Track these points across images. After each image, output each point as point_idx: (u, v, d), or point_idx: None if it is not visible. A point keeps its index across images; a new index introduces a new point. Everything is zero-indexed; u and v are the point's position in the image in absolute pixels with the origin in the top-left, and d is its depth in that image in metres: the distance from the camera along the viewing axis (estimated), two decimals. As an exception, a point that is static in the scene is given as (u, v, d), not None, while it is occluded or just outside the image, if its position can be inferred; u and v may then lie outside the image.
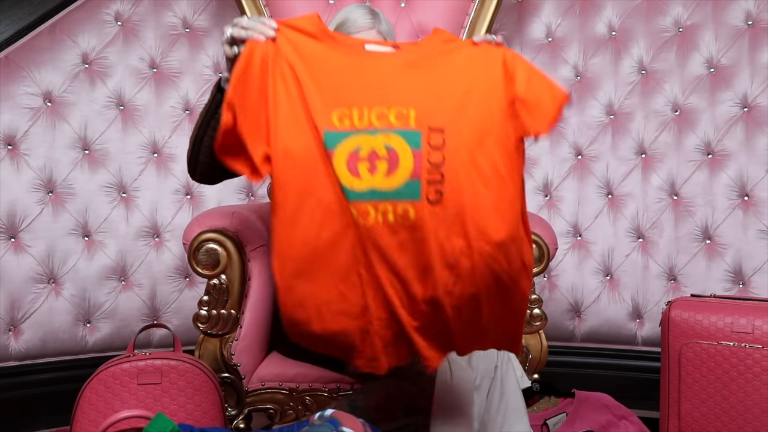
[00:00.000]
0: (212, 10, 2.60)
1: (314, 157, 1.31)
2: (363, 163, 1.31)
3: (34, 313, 2.43)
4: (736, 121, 2.53)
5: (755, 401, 1.85)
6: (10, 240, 2.41)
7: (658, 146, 2.59)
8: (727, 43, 2.53)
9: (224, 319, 1.87)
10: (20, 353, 2.42)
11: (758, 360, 1.85)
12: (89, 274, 2.50)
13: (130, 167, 2.55)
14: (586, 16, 2.61)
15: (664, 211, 2.58)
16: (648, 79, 2.59)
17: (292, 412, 1.89)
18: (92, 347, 2.51)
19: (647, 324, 2.59)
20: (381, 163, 1.31)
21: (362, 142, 1.32)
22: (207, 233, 1.85)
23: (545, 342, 1.89)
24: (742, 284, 2.52)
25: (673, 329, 1.94)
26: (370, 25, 1.83)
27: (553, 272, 2.63)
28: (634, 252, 2.60)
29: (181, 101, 2.60)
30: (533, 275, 1.87)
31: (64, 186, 2.47)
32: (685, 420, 1.90)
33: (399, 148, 1.31)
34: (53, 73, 2.46)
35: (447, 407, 1.67)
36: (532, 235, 1.88)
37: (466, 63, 1.40)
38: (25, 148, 2.43)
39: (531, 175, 2.65)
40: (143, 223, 2.56)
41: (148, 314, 2.57)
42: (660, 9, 2.57)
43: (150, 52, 2.56)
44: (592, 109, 2.62)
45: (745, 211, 2.52)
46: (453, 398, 1.66)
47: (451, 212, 1.30)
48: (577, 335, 2.64)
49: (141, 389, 1.71)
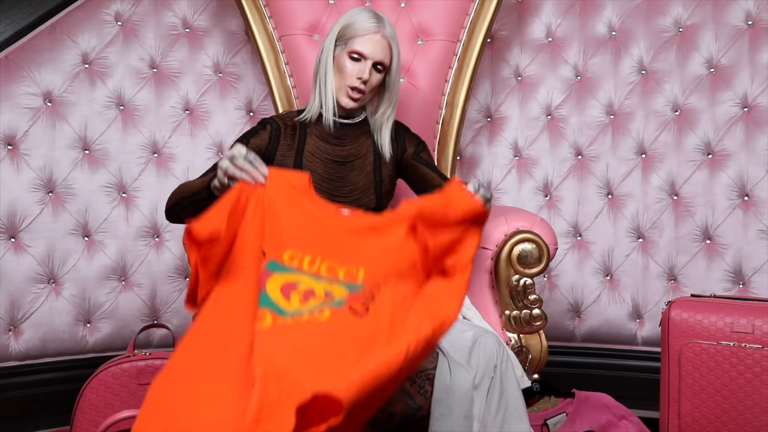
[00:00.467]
0: (212, 10, 2.60)
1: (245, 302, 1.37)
2: (297, 294, 1.39)
3: (34, 313, 2.43)
4: (736, 121, 2.53)
5: (755, 401, 1.85)
6: (10, 240, 2.41)
7: (658, 146, 2.59)
8: (727, 43, 2.53)
9: (224, 319, 1.86)
10: (20, 353, 2.42)
11: (758, 360, 1.85)
12: (89, 274, 2.50)
13: (130, 167, 2.55)
14: (586, 16, 2.61)
15: (664, 211, 2.58)
16: (648, 79, 2.59)
17: (292, 412, 1.88)
18: (92, 347, 2.51)
19: (647, 324, 2.59)
20: (314, 300, 1.40)
21: (303, 281, 1.42)
22: (207, 233, 1.85)
23: (545, 342, 1.90)
24: (742, 284, 2.52)
25: (673, 329, 1.94)
26: (375, 29, 1.85)
27: (553, 272, 2.63)
28: (634, 252, 2.60)
29: (181, 101, 2.60)
30: (534, 275, 1.88)
31: (64, 186, 2.47)
32: (685, 420, 1.90)
33: (337, 292, 1.41)
34: (53, 73, 2.46)
35: (446, 407, 1.67)
36: (533, 235, 1.88)
37: (401, 240, 1.49)
38: (25, 148, 2.43)
39: (531, 175, 2.65)
40: (143, 223, 2.56)
41: (148, 314, 2.57)
42: (660, 9, 2.57)
43: (150, 52, 2.56)
44: (592, 109, 2.62)
45: (745, 211, 2.52)
46: (452, 398, 1.66)
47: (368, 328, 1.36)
48: (577, 335, 2.64)
49: (141, 389, 1.71)
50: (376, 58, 1.84)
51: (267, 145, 1.88)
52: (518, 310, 1.88)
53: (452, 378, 1.66)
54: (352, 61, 1.84)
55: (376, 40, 1.83)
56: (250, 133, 1.89)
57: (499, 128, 2.67)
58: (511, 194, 2.66)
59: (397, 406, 1.70)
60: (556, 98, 2.64)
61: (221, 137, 2.62)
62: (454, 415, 1.66)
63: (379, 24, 1.84)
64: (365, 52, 1.83)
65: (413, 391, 1.70)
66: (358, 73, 1.83)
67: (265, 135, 1.88)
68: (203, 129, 2.61)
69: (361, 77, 1.83)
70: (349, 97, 1.86)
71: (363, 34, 1.83)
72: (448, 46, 2.33)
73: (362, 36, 1.83)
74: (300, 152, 1.89)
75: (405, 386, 1.71)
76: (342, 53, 1.85)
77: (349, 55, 1.84)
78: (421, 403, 1.69)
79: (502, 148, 2.67)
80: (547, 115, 2.65)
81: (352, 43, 1.84)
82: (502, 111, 2.67)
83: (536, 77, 2.65)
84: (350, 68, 1.84)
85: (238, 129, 2.62)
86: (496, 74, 2.66)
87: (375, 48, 1.83)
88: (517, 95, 2.66)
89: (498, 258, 1.88)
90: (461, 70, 2.34)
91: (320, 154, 1.90)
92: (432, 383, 1.68)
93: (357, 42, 1.83)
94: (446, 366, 1.70)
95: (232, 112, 2.63)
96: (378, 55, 1.84)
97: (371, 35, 1.83)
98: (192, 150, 2.60)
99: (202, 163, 2.61)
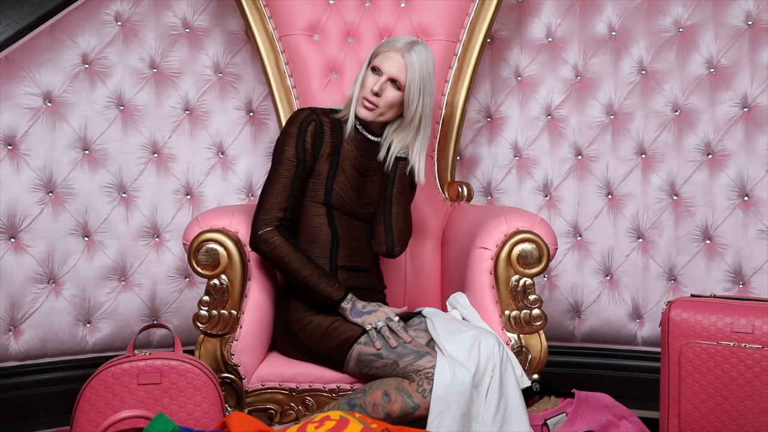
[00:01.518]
0: (212, 10, 2.60)
1: None
2: (312, 424, 1.54)
3: (34, 313, 2.43)
4: (736, 121, 2.53)
5: (755, 401, 1.85)
6: (10, 240, 2.41)
7: (658, 146, 2.59)
8: (727, 43, 2.53)
9: (224, 319, 1.87)
10: (20, 353, 2.42)
11: (758, 360, 1.85)
12: (89, 274, 2.50)
13: (130, 167, 2.55)
14: (586, 16, 2.61)
15: (664, 211, 2.58)
16: (648, 79, 2.59)
17: (292, 412, 1.89)
18: (92, 347, 2.51)
19: (647, 324, 2.59)
20: (329, 422, 1.53)
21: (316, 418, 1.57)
22: (207, 233, 1.86)
23: (545, 342, 1.89)
24: (742, 284, 2.52)
25: (673, 329, 1.93)
26: (398, 48, 1.94)
27: (553, 272, 2.63)
28: (634, 252, 2.60)
29: (181, 101, 2.60)
30: (534, 275, 1.88)
31: (64, 186, 2.47)
32: (685, 420, 1.90)
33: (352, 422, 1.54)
34: (53, 73, 2.46)
35: (445, 404, 1.67)
36: (533, 235, 1.88)
37: None
38: (25, 148, 2.43)
39: (531, 175, 2.65)
40: (143, 223, 2.56)
41: (148, 314, 2.57)
42: (660, 9, 2.57)
43: (150, 52, 2.56)
44: (592, 109, 2.62)
45: (745, 211, 2.52)
46: (451, 395, 1.67)
47: None
48: (577, 335, 2.64)
49: (141, 389, 1.71)
50: (391, 74, 1.93)
51: (313, 140, 1.94)
52: (518, 310, 1.88)
53: (452, 376, 1.67)
54: (371, 74, 1.94)
55: (395, 59, 1.93)
56: (298, 132, 1.93)
57: (499, 128, 2.67)
58: (511, 194, 2.66)
59: (394, 405, 1.70)
60: (556, 98, 2.64)
61: (221, 137, 2.63)
62: (453, 413, 1.67)
63: (405, 46, 1.94)
64: (382, 66, 1.93)
65: (411, 390, 1.70)
66: (372, 84, 1.93)
67: (312, 131, 1.94)
68: (203, 129, 2.61)
69: (373, 89, 1.92)
70: (363, 107, 1.95)
71: (386, 51, 1.95)
72: (448, 46, 2.33)
73: (384, 53, 1.94)
74: (338, 150, 1.97)
75: (403, 385, 1.71)
76: (367, 68, 1.96)
77: (372, 68, 1.95)
78: (419, 402, 1.69)
79: (502, 148, 2.67)
80: (547, 115, 2.65)
81: (375, 59, 1.95)
82: (502, 111, 2.67)
83: (536, 77, 2.65)
84: (368, 81, 1.94)
85: (238, 129, 2.62)
86: (496, 74, 2.66)
87: (392, 65, 1.93)
88: (517, 95, 2.66)
89: (498, 258, 1.88)
90: (461, 70, 2.34)
91: (352, 159, 1.99)
92: (430, 382, 1.69)
93: (378, 58, 1.95)
94: (446, 364, 1.70)
95: (232, 112, 2.63)
96: (393, 71, 1.93)
97: (392, 53, 1.94)
98: (192, 150, 2.61)
99: (202, 163, 2.61)
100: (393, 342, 1.78)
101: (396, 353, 1.76)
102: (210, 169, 2.62)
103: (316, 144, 1.94)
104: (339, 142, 1.98)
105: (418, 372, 1.71)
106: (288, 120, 1.98)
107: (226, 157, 2.63)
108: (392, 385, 1.73)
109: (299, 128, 1.93)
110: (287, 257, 1.85)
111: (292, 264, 1.85)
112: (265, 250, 1.86)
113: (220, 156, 2.63)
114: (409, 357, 1.74)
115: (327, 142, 1.95)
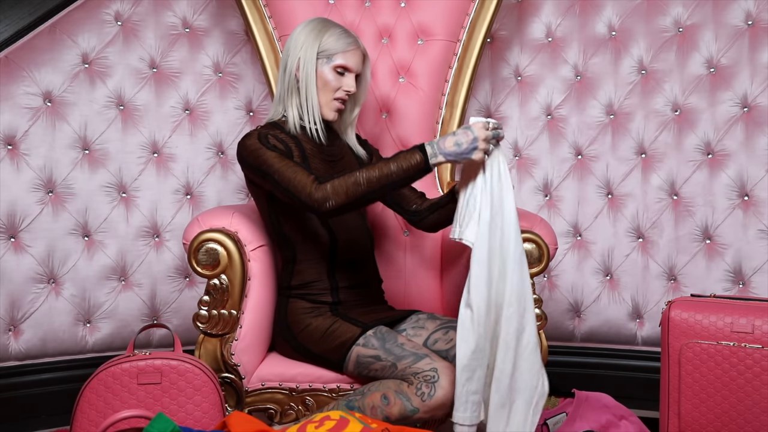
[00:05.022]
0: (212, 10, 2.60)
1: None
2: (312, 424, 1.55)
3: (34, 313, 2.43)
4: (736, 121, 2.53)
5: (755, 401, 1.85)
6: (10, 240, 2.41)
7: (658, 146, 2.59)
8: (727, 43, 2.53)
9: (224, 319, 1.87)
10: (20, 353, 2.42)
11: (758, 360, 1.85)
12: (89, 274, 2.50)
13: (130, 167, 2.55)
14: (586, 16, 2.61)
15: (664, 211, 2.58)
16: (648, 79, 2.59)
17: (292, 412, 1.89)
18: (92, 347, 2.51)
19: (647, 324, 2.59)
20: (329, 422, 1.54)
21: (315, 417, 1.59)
22: (207, 233, 1.86)
23: (545, 342, 1.89)
24: (742, 284, 2.52)
25: (673, 329, 1.93)
26: (356, 44, 1.95)
27: (553, 272, 2.63)
28: (634, 252, 2.60)
29: (181, 101, 2.60)
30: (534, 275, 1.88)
31: (64, 186, 2.47)
32: (685, 420, 1.90)
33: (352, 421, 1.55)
34: (53, 73, 2.46)
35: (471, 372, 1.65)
36: (533, 234, 1.88)
37: None
38: (25, 148, 2.43)
39: (531, 175, 2.65)
40: (143, 223, 2.56)
41: (148, 314, 2.57)
42: (660, 9, 2.57)
43: (150, 52, 2.56)
44: (592, 109, 2.62)
45: (745, 211, 2.52)
46: (475, 362, 1.65)
47: None
48: (577, 335, 2.64)
49: (141, 389, 1.71)
50: (358, 69, 1.95)
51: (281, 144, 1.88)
52: (518, 310, 1.88)
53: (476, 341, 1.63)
54: (338, 75, 1.93)
55: (358, 54, 1.95)
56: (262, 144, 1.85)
57: (499, 128, 2.66)
58: (511, 194, 2.65)
59: (393, 408, 1.70)
60: (556, 98, 2.64)
61: (221, 137, 2.63)
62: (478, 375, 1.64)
63: (356, 38, 1.96)
64: (350, 65, 1.93)
65: (410, 393, 1.69)
66: (346, 86, 1.93)
67: (274, 142, 1.87)
68: (203, 129, 2.61)
69: (349, 90, 1.93)
70: (336, 110, 1.95)
71: (347, 49, 1.93)
72: (448, 46, 2.33)
73: (346, 51, 1.93)
74: (305, 157, 1.93)
75: (402, 388, 1.71)
76: (325, 68, 1.92)
77: (335, 69, 1.92)
78: (417, 405, 1.69)
79: (502, 147, 2.66)
80: (547, 115, 2.65)
81: (336, 58, 1.92)
82: (502, 111, 2.66)
83: (536, 77, 2.65)
84: (335, 82, 1.93)
85: (238, 129, 2.62)
86: (496, 74, 2.66)
87: (358, 61, 1.95)
88: (517, 95, 2.66)
89: (498, 258, 1.88)
90: (461, 70, 2.34)
91: (318, 155, 1.96)
92: (429, 385, 1.68)
93: (342, 57, 1.92)
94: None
95: (232, 112, 2.63)
96: (360, 67, 1.96)
97: (354, 51, 1.94)
98: (192, 150, 2.61)
99: (201, 162, 2.61)
100: None
101: (394, 355, 1.75)
102: (210, 169, 2.62)
103: (286, 148, 1.88)
104: (301, 148, 1.93)
105: (416, 375, 1.70)
106: (240, 146, 1.88)
107: (226, 157, 2.63)
108: (391, 387, 1.72)
109: (260, 142, 1.85)
110: (352, 186, 1.71)
111: (359, 186, 1.72)
112: (337, 201, 1.72)
113: (220, 156, 2.63)
114: (408, 359, 1.73)
115: (293, 148, 1.90)
